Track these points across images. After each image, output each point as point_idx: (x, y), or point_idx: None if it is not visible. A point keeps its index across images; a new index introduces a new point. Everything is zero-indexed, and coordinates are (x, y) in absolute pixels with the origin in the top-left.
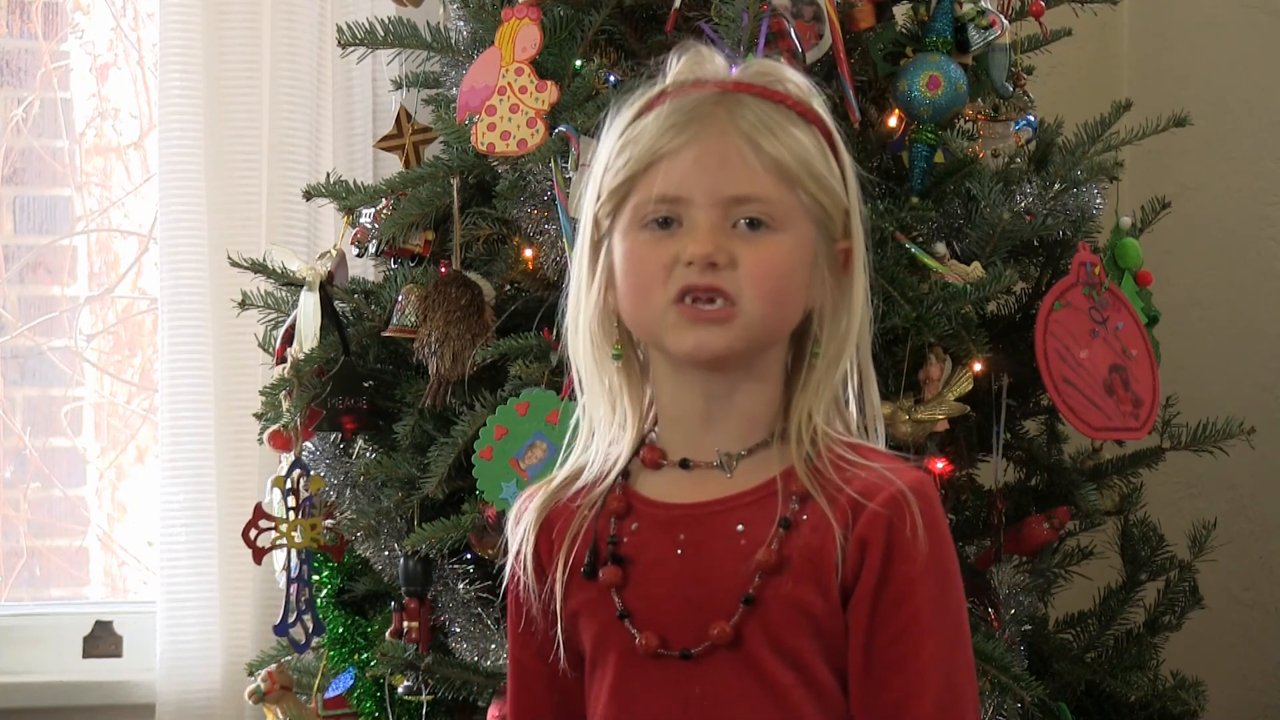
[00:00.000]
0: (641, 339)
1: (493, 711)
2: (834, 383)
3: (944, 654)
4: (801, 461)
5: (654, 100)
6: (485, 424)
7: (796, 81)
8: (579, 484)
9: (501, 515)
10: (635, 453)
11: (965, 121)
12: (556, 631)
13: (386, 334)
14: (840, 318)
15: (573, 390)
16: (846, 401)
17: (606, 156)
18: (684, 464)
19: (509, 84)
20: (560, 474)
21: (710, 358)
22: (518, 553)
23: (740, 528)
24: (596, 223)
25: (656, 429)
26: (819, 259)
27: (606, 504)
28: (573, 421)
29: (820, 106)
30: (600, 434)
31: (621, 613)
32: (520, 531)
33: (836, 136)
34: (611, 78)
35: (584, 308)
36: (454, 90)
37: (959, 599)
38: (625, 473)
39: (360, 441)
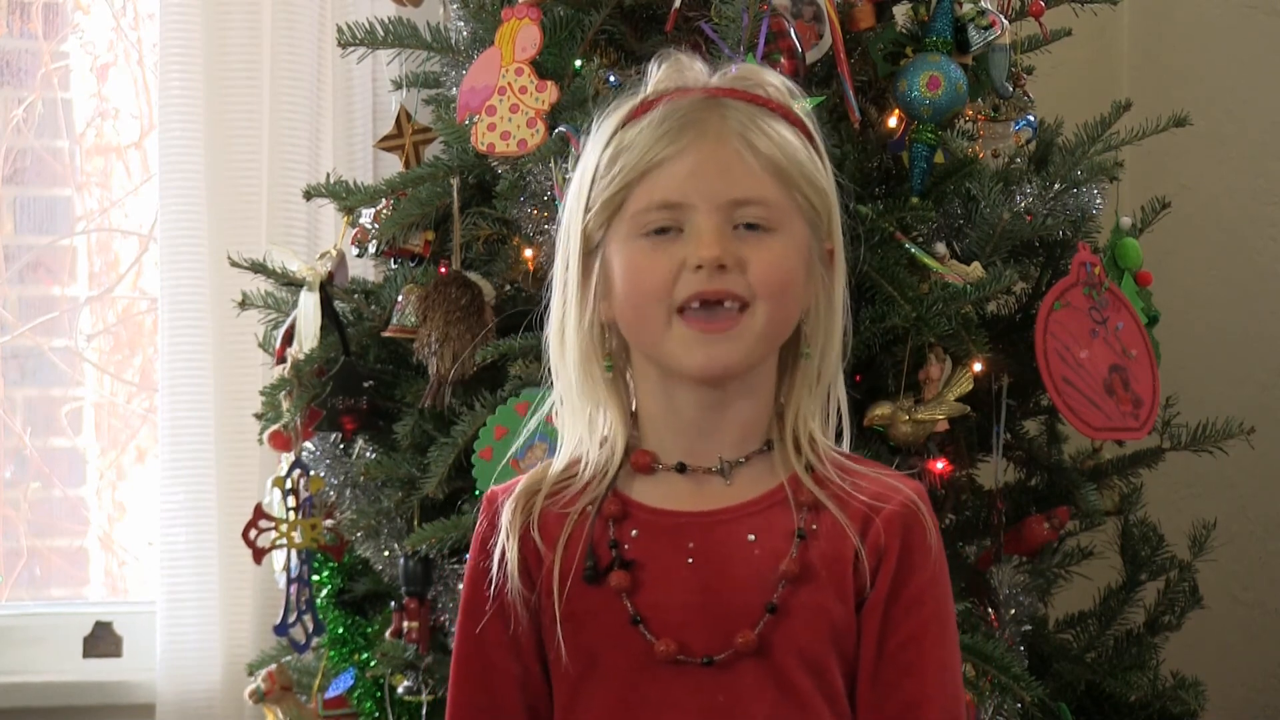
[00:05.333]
0: (640, 350)
1: None
2: (826, 383)
3: (948, 658)
4: (804, 470)
5: (638, 109)
6: (485, 424)
7: (776, 84)
8: (564, 485)
9: None
10: (624, 459)
11: (965, 121)
12: (556, 636)
13: (386, 334)
14: (828, 318)
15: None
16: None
17: (593, 168)
18: (681, 468)
19: (509, 84)
20: (547, 477)
21: (721, 372)
22: (502, 554)
23: (751, 537)
24: (586, 235)
25: (641, 433)
26: (814, 259)
27: (602, 509)
28: (538, 427)
29: (799, 108)
30: (584, 444)
31: (635, 618)
32: (502, 531)
33: (818, 138)
34: (612, 78)
35: (572, 321)
36: (454, 90)
37: (952, 602)
38: (614, 477)
39: (360, 441)
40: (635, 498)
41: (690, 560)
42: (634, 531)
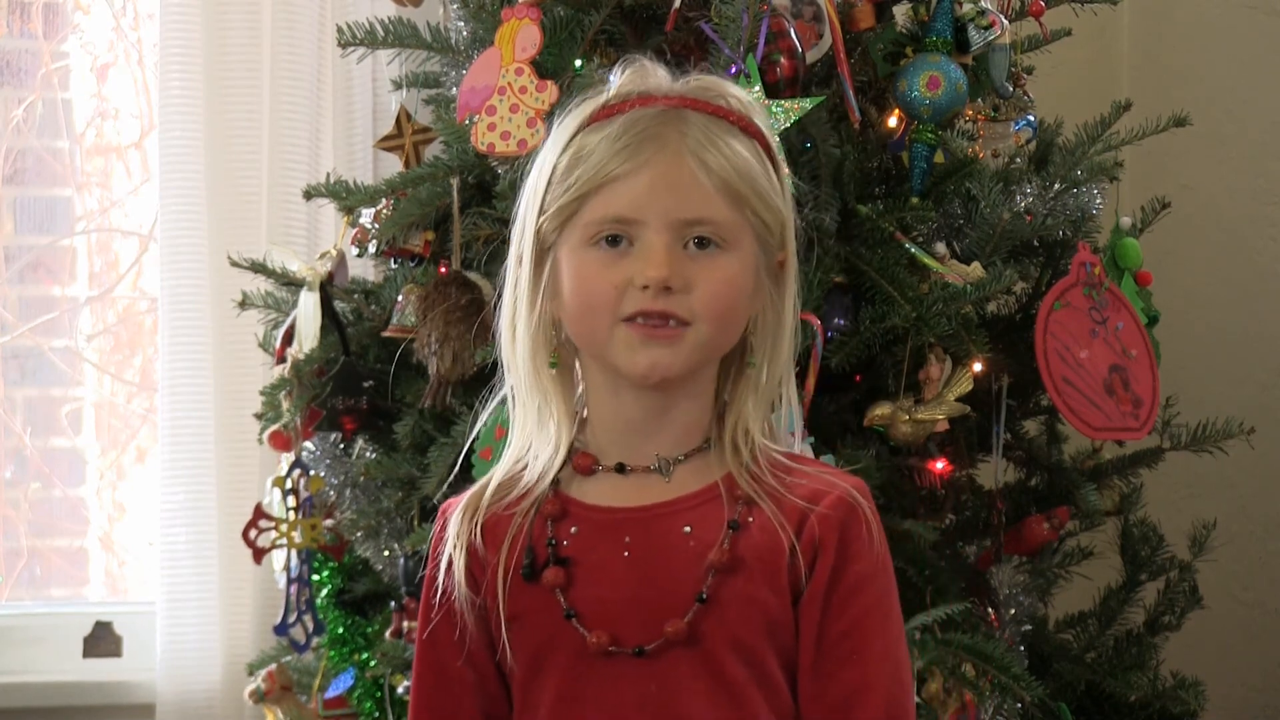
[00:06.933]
0: (586, 352)
1: None
2: (772, 391)
3: (890, 648)
4: (739, 469)
5: (599, 113)
6: (485, 423)
7: (738, 96)
8: (511, 492)
9: None
10: (566, 459)
11: (965, 121)
12: (502, 637)
13: (386, 334)
14: (775, 328)
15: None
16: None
17: (550, 170)
18: (620, 468)
19: (509, 84)
20: (492, 480)
21: (661, 378)
22: (450, 561)
23: (687, 529)
24: (539, 234)
25: (585, 435)
26: (760, 274)
27: (541, 508)
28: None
29: (760, 120)
30: (533, 438)
31: (569, 613)
32: (451, 539)
33: (775, 150)
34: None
35: (523, 315)
36: (454, 90)
37: (897, 595)
38: (556, 480)
39: (360, 441)
40: (576, 496)
41: (627, 554)
42: (573, 529)
